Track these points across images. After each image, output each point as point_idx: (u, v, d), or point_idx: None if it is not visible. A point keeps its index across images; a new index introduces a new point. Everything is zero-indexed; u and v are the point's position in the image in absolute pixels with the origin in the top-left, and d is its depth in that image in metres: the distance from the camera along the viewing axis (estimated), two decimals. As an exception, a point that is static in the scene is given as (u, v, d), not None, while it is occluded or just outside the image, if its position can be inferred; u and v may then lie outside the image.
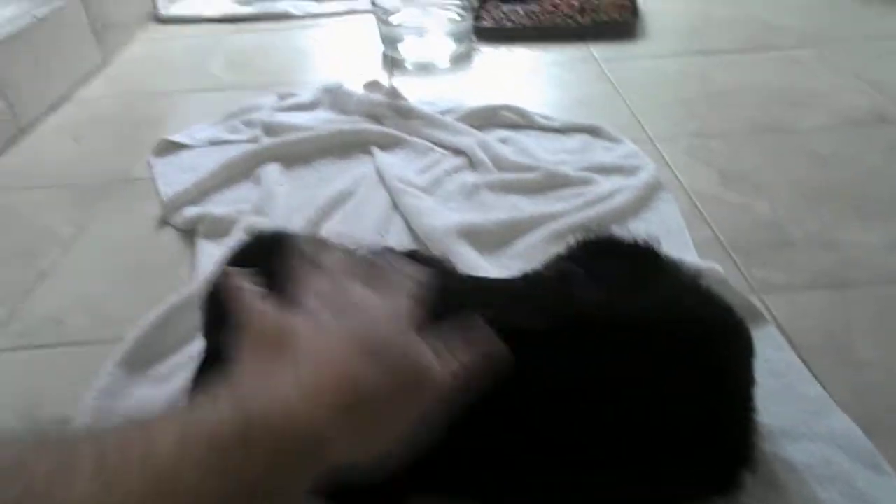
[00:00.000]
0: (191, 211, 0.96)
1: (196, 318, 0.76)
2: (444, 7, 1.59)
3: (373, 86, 1.24)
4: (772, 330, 0.69)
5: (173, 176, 1.06)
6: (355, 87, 1.25)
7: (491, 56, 1.47)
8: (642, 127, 1.11)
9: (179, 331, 0.75)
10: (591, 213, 0.88)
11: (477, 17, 1.57)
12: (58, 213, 1.01)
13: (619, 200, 0.90)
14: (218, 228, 0.92)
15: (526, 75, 1.37)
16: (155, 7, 1.85)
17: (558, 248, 0.80)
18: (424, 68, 1.43)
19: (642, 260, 0.57)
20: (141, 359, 0.71)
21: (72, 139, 1.23)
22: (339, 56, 1.54)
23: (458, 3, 1.56)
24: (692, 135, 1.08)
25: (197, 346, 0.73)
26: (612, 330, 0.50)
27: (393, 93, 1.18)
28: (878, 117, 1.10)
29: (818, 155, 1.01)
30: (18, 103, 1.24)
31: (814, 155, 1.01)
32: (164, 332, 0.74)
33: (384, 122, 1.14)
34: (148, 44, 1.69)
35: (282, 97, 1.29)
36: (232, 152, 1.08)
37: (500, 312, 0.50)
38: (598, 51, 1.44)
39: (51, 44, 1.36)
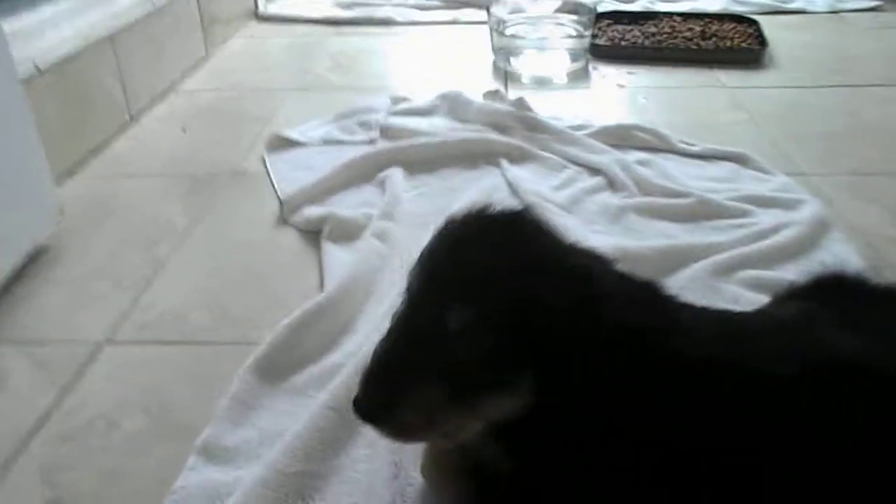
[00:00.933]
0: (313, 211, 0.90)
1: (330, 326, 0.70)
2: (559, 23, 1.53)
3: (494, 95, 1.18)
4: None
5: (289, 173, 1.01)
6: (474, 95, 1.19)
7: (609, 75, 1.40)
8: (790, 159, 1.03)
9: (314, 340, 0.68)
10: (757, 247, 0.80)
11: (593, 35, 1.51)
12: (171, 203, 0.96)
13: (787, 237, 0.81)
14: (344, 231, 0.86)
15: (648, 97, 1.30)
16: (255, 5, 1.82)
17: (727, 286, 0.73)
18: (541, 83, 1.37)
19: (889, 303, 0.49)
20: (274, 367, 0.65)
21: (180, 129, 1.19)
22: (448, 64, 1.49)
23: (576, 18, 1.50)
24: (850, 172, 0.99)
25: (333, 357, 0.67)
26: (872, 381, 0.42)
27: (520, 104, 1.11)
28: None
29: None
30: (131, 90, 1.21)
31: None
32: (298, 340, 0.67)
33: (510, 133, 1.07)
34: (248, 40, 1.67)
35: (395, 101, 1.23)
36: (350, 153, 1.02)
37: (746, 353, 0.42)
38: (726, 77, 1.35)
39: (164, 34, 1.34)
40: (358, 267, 0.78)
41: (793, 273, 0.76)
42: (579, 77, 1.38)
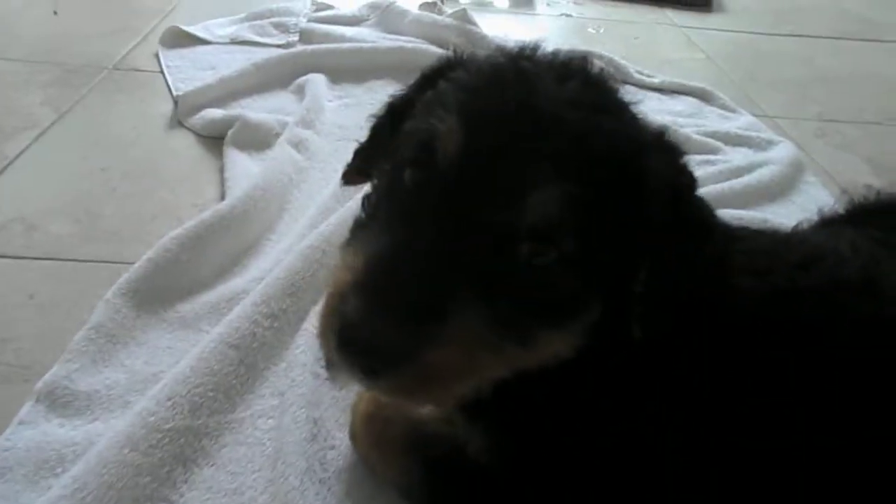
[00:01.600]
0: (216, 113, 0.74)
1: (231, 244, 0.56)
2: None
3: (432, 7, 1.03)
4: None
5: (187, 72, 0.84)
6: (409, 5, 1.04)
7: (554, 3, 1.28)
8: (754, 101, 0.94)
9: (209, 261, 0.54)
10: (730, 185, 0.70)
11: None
12: (32, 93, 0.78)
13: (763, 176, 0.72)
14: (253, 137, 0.71)
15: (597, 29, 1.18)
16: None
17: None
18: (480, 3, 1.23)
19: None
20: (154, 292, 0.50)
21: (51, 11, 0.99)
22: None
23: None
24: (816, 118, 0.92)
25: (234, 282, 0.53)
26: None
27: (463, 16, 0.97)
28: None
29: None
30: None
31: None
32: (188, 259, 0.52)
33: (449, 48, 0.93)
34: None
35: (317, 6, 1.07)
36: (264, 54, 0.86)
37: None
38: (676, 17, 1.26)
39: None
40: (269, 177, 0.63)
41: (770, 213, 0.68)
42: (521, 2, 1.25)
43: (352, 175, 0.37)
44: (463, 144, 0.27)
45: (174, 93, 0.79)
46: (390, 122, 0.35)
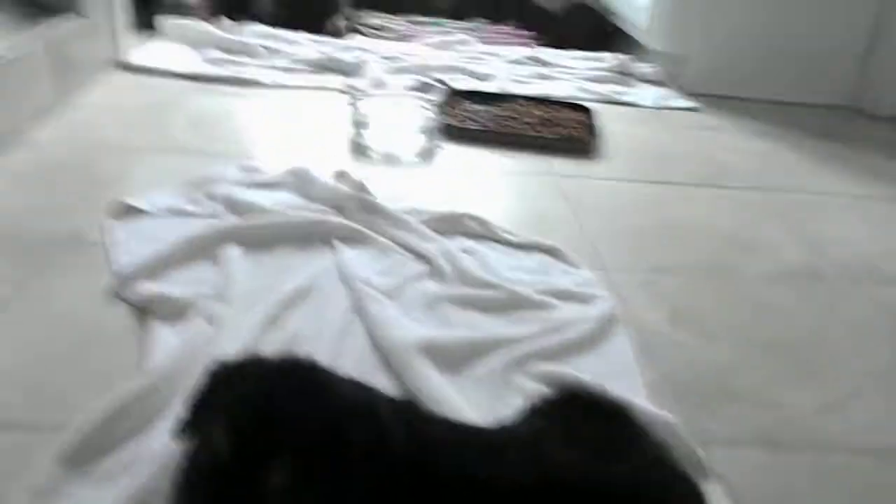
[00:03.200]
0: (146, 287, 0.93)
1: (146, 409, 0.74)
2: (415, 97, 1.63)
3: (340, 176, 1.25)
4: (717, 488, 0.72)
5: (129, 244, 1.03)
6: (321, 172, 1.26)
7: (453, 155, 1.51)
8: (598, 253, 1.16)
9: (130, 423, 0.72)
10: (549, 342, 0.90)
11: (443, 113, 1.61)
12: (-4, 267, 0.96)
13: (575, 332, 0.92)
14: (174, 310, 0.89)
15: (487, 181, 1.42)
16: (118, 52, 1.82)
17: (518, 378, 0.83)
18: (390, 160, 1.45)
19: (616, 422, 0.59)
20: (84, 453, 0.68)
21: (15, 186, 1.18)
22: (306, 132, 1.55)
23: (429, 97, 1.60)
24: (647, 269, 1.13)
25: (151, 441, 0.70)
26: (579, 495, 0.51)
27: (360, 186, 1.19)
28: (814, 274, 1.17)
29: (762, 304, 1.07)
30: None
31: (758, 303, 1.07)
32: (113, 423, 0.71)
33: (348, 214, 1.15)
34: (108, 90, 1.66)
35: (245, 170, 1.28)
36: (194, 226, 1.06)
37: (472, 465, 0.51)
38: (559, 165, 1.49)
39: (10, 81, 1.32)
40: (182, 349, 0.82)
41: (578, 367, 0.87)
42: (426, 156, 1.48)
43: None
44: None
45: (112, 266, 0.98)
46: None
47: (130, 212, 1.12)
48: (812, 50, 2.05)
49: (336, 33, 2.30)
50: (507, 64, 2.15)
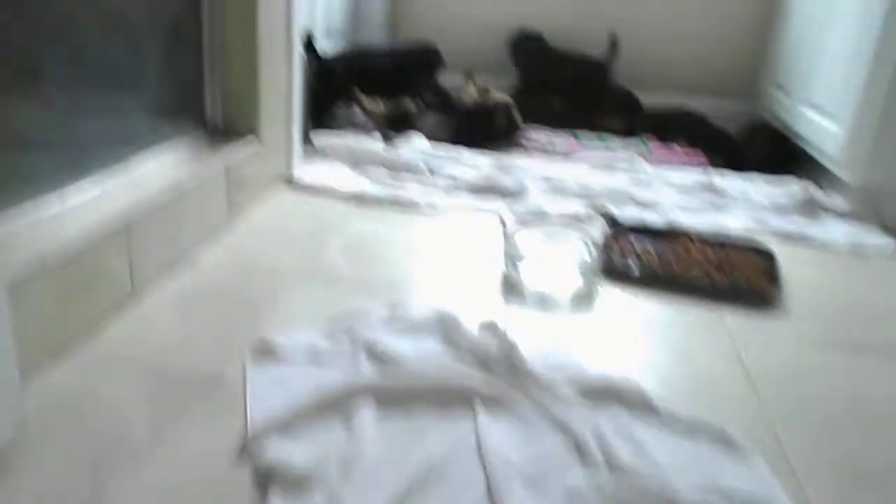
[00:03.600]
0: (273, 449, 0.88)
1: None
2: (572, 230, 1.54)
3: (489, 327, 1.17)
4: None
5: (265, 394, 1.00)
6: (469, 320, 1.19)
7: (613, 300, 1.39)
8: (779, 441, 0.98)
9: None
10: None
11: (604, 249, 1.51)
12: (138, 411, 0.96)
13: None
14: (296, 482, 0.84)
15: (649, 333, 1.28)
16: (287, 170, 1.89)
17: None
18: (543, 302, 1.36)
19: None
20: None
21: (178, 314, 1.21)
22: (458, 262, 1.50)
23: (590, 228, 1.51)
24: (845, 474, 0.94)
25: None
26: None
27: (510, 345, 1.10)
28: None
29: None
30: (139, 269, 1.23)
31: None
32: None
33: (494, 373, 1.06)
34: (272, 210, 1.72)
35: (391, 307, 1.24)
36: (330, 378, 1.02)
37: None
38: (732, 319, 1.33)
39: (187, 211, 1.39)
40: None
41: None
42: (583, 300, 1.38)
43: None
44: None
45: (248, 421, 0.95)
46: None
47: (271, 350, 1.10)
48: None
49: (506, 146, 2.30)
50: (676, 189, 2.02)
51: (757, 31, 2.76)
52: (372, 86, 2.36)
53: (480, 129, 2.32)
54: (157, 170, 1.40)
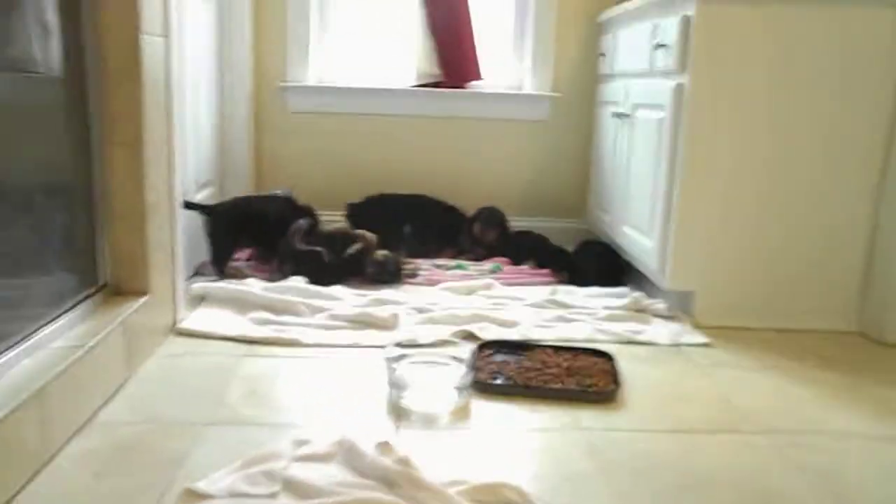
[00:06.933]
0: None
1: None
2: (448, 355, 1.77)
3: (385, 448, 1.35)
4: None
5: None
6: (366, 442, 1.36)
7: (485, 411, 1.61)
8: (628, 516, 1.22)
9: None
10: None
11: (474, 367, 1.74)
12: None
13: None
14: None
15: (518, 439, 1.50)
16: (174, 320, 2.01)
17: None
18: (427, 422, 1.56)
19: None
20: None
21: (92, 474, 1.29)
22: (347, 394, 1.67)
23: (459, 354, 1.74)
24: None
25: None
26: None
27: (406, 462, 1.29)
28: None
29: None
30: (48, 433, 1.31)
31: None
32: None
33: (396, 490, 1.23)
34: (164, 361, 1.82)
35: (297, 444, 1.39)
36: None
37: None
38: (586, 417, 1.59)
39: (89, 368, 1.48)
40: None
41: None
42: (461, 415, 1.59)
43: None
44: None
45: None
46: None
47: (196, 498, 1.21)
48: (812, 277, 2.21)
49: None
50: (529, 308, 2.31)
51: (582, 162, 3.24)
52: (257, 231, 2.57)
53: (354, 269, 2.52)
54: (57, 331, 1.49)
